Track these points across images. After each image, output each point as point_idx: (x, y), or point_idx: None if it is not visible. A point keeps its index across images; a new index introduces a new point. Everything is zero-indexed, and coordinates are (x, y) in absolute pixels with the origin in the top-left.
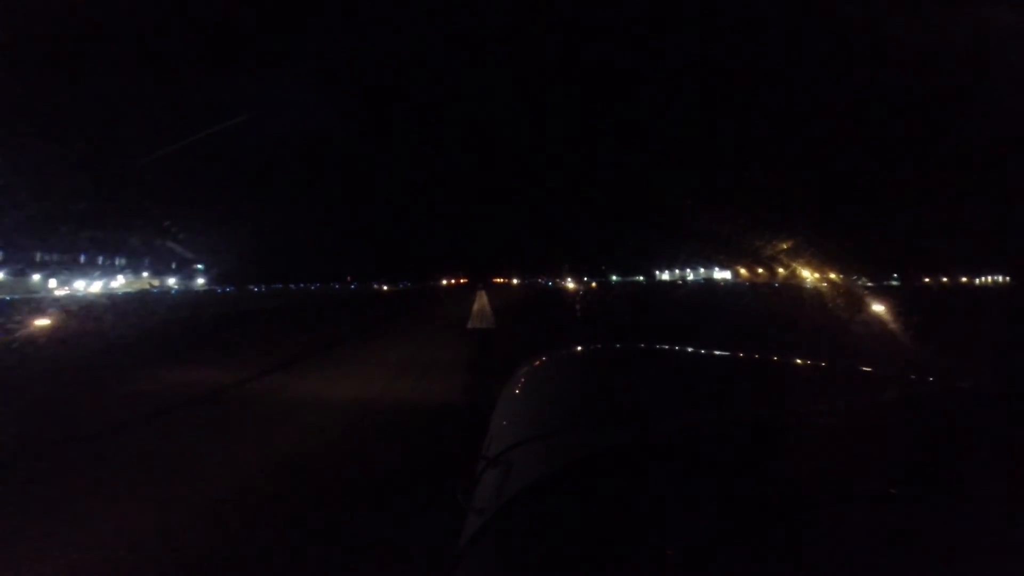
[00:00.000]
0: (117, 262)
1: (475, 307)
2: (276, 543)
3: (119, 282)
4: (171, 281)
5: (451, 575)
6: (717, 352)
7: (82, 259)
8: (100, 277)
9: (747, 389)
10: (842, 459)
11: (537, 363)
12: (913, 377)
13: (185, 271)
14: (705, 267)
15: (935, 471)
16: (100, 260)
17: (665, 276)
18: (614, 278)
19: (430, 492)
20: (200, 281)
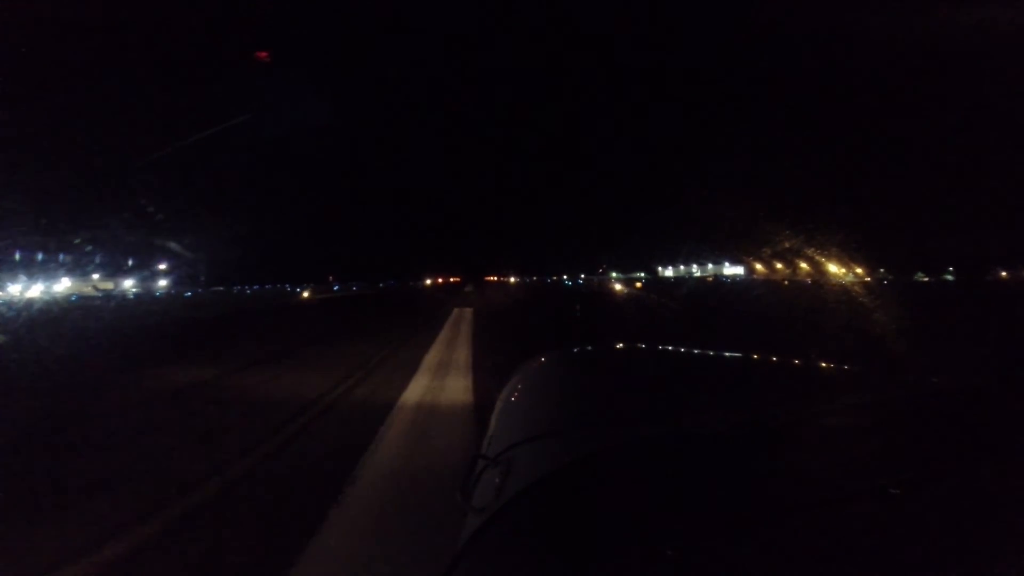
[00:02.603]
0: (61, 260)
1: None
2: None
3: (63, 285)
4: (127, 283)
5: (451, 575)
6: (717, 352)
7: (17, 257)
8: (40, 279)
9: (747, 389)
10: (842, 459)
11: (537, 363)
12: (913, 377)
13: (144, 272)
14: (714, 262)
15: (934, 470)
16: (39, 259)
17: (668, 272)
18: (614, 275)
19: None
20: (162, 283)
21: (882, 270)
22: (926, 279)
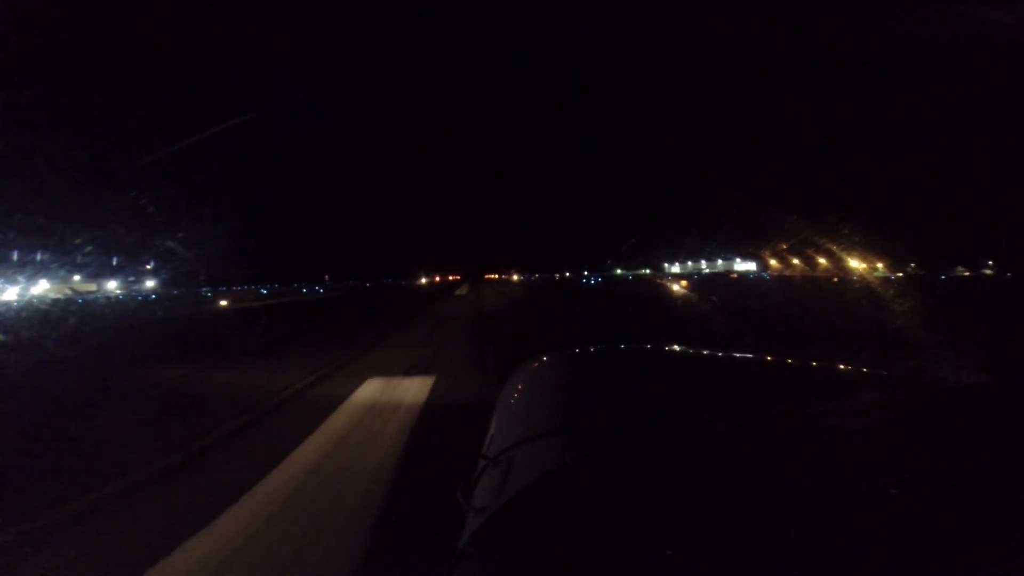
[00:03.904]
0: (39, 260)
1: None
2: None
3: (42, 287)
4: (111, 285)
5: (451, 575)
6: (717, 352)
7: None
8: (15, 281)
9: (747, 389)
10: (842, 459)
11: (537, 363)
12: (914, 377)
13: (131, 272)
14: (723, 258)
15: (935, 470)
16: (15, 258)
17: (675, 268)
18: (618, 272)
19: None
20: (150, 283)
21: (912, 265)
22: (967, 273)
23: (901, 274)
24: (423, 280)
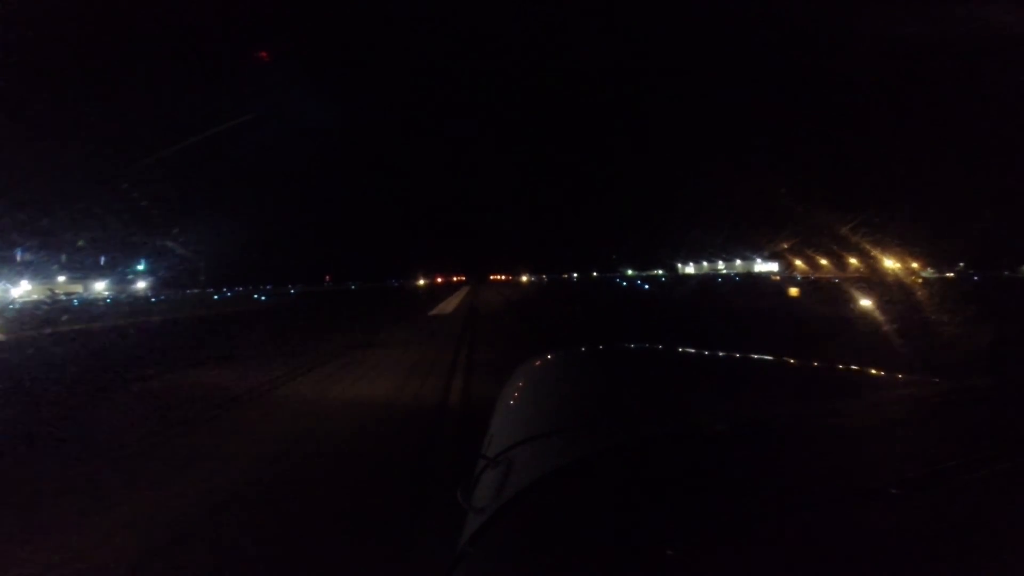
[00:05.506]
0: (20, 259)
1: None
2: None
3: (22, 289)
4: (99, 286)
5: (451, 575)
6: (717, 352)
7: None
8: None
9: (747, 389)
10: (842, 459)
11: (537, 363)
12: (913, 377)
13: (121, 272)
14: (743, 258)
15: (936, 470)
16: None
17: (690, 269)
18: (629, 272)
19: None
20: (142, 284)
21: (961, 265)
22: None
23: (951, 274)
24: (421, 282)
